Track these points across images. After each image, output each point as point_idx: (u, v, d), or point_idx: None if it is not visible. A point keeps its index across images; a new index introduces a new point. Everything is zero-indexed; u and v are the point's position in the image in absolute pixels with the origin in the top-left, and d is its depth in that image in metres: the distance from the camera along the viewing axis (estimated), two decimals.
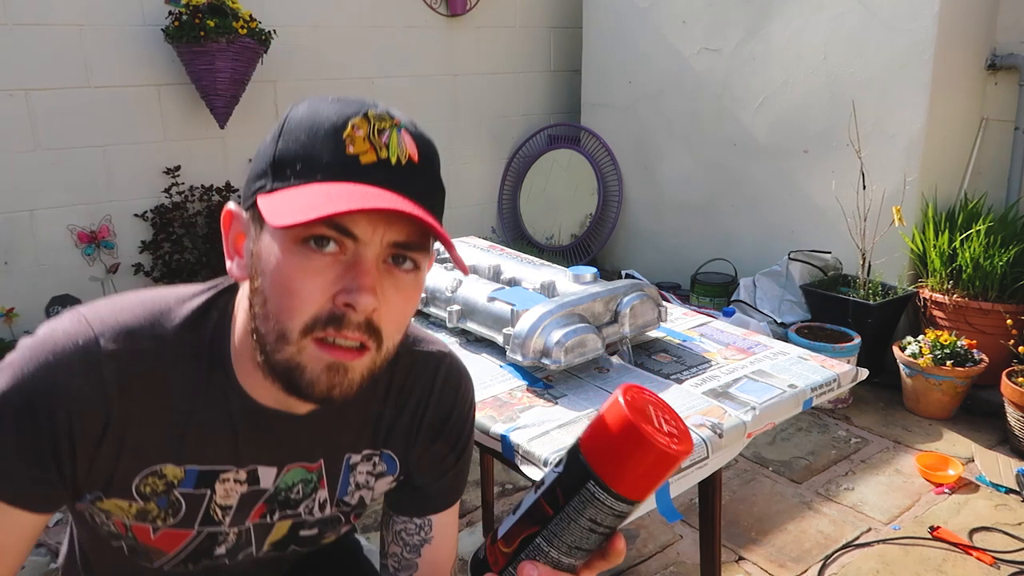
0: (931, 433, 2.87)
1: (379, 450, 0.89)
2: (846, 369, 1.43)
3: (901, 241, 3.21)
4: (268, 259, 0.68)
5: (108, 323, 0.74)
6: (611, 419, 0.58)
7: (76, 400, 0.71)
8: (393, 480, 0.93)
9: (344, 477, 0.87)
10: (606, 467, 0.58)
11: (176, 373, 0.76)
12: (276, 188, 0.69)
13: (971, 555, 2.16)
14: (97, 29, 3.16)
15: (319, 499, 0.87)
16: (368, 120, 0.68)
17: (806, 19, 3.38)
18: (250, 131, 3.61)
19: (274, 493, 0.84)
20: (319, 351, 0.68)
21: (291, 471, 0.84)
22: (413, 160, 0.70)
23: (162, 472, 0.77)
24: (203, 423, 0.77)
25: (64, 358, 0.71)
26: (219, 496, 0.81)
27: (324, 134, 0.68)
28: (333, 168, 0.67)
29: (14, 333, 3.17)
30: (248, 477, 0.81)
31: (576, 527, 0.60)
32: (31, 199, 3.16)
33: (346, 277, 0.66)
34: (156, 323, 0.76)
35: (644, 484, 0.59)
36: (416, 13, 4.01)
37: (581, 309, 1.40)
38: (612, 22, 4.17)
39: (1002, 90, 3.28)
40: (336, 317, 0.67)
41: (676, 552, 2.21)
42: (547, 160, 4.52)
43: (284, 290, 0.67)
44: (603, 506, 0.59)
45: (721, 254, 3.88)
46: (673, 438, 0.59)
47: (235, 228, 0.76)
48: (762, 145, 3.66)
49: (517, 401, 1.28)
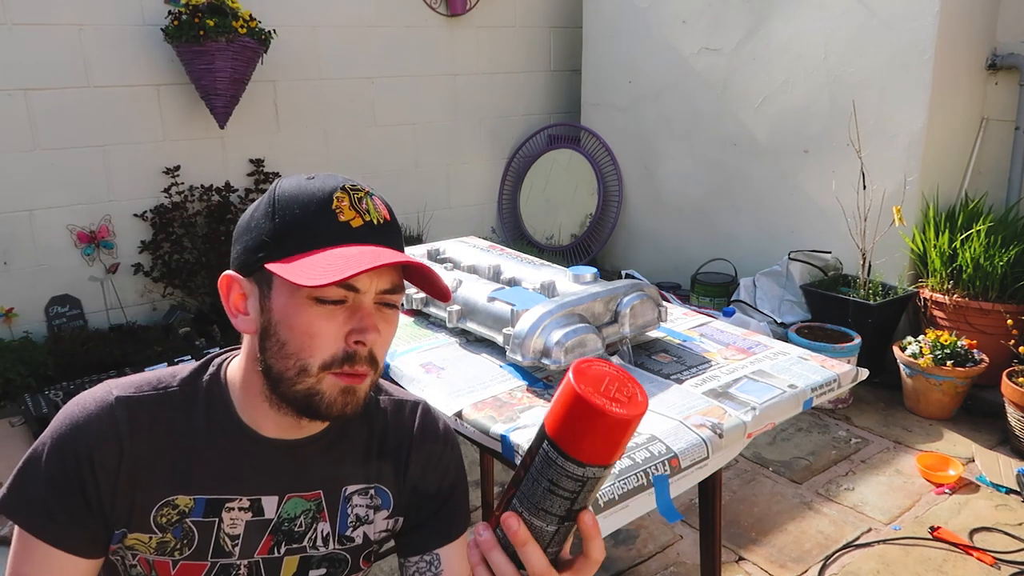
0: (931, 433, 2.87)
1: (372, 484, 0.98)
2: (846, 369, 1.42)
3: (901, 241, 3.21)
4: (285, 311, 0.84)
5: (123, 382, 0.91)
6: (563, 389, 0.64)
7: (94, 437, 0.86)
8: (389, 515, 0.99)
9: (343, 509, 0.96)
10: (559, 431, 0.64)
11: (178, 414, 0.90)
12: (286, 256, 0.82)
13: (971, 555, 2.16)
14: (97, 29, 3.16)
15: (322, 532, 0.95)
16: (347, 192, 0.84)
17: (806, 19, 3.38)
18: (250, 131, 3.61)
19: (278, 523, 0.93)
20: (335, 379, 0.84)
21: (291, 501, 0.93)
22: (387, 219, 0.86)
23: (175, 503, 0.89)
24: (205, 455, 0.90)
25: (86, 408, 0.88)
26: (227, 525, 0.91)
27: (316, 208, 0.83)
28: (333, 235, 0.83)
29: (13, 333, 3.17)
30: (252, 505, 0.91)
31: (539, 488, 0.65)
32: (30, 199, 3.16)
33: (353, 320, 0.83)
34: (161, 380, 0.93)
35: (595, 448, 0.63)
36: (416, 13, 4.01)
37: (581, 309, 1.40)
38: (612, 22, 4.17)
39: (1002, 90, 3.27)
40: (350, 356, 0.84)
41: (676, 552, 2.21)
42: (547, 160, 4.52)
43: (307, 335, 0.83)
44: (559, 467, 0.64)
45: (721, 254, 3.87)
46: (622, 403, 0.63)
47: (235, 291, 0.89)
48: (762, 145, 3.66)
49: (517, 401, 1.28)
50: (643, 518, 2.31)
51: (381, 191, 0.92)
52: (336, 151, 3.91)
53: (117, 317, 3.41)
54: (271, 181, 3.66)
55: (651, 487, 1.10)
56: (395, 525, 1.00)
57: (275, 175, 3.68)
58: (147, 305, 3.50)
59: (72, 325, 3.26)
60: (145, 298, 3.49)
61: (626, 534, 2.28)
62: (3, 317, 3.15)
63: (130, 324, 3.40)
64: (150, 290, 3.49)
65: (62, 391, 2.81)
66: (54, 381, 2.93)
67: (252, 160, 3.65)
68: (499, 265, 1.70)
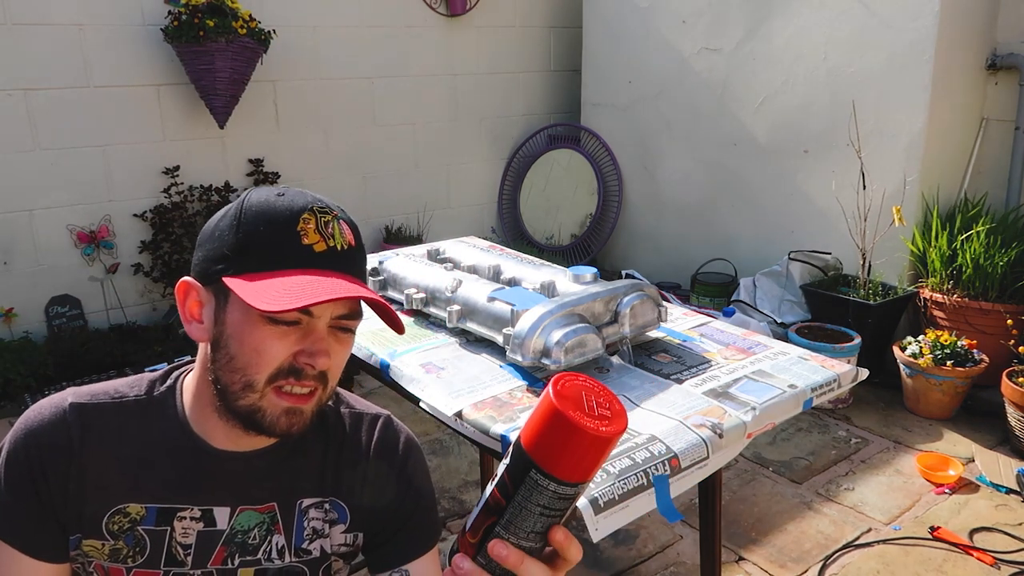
0: (931, 433, 2.87)
1: (328, 498, 0.97)
2: (846, 369, 1.42)
3: (901, 241, 3.21)
4: (239, 327, 0.83)
5: (81, 390, 0.93)
6: (542, 408, 0.63)
7: (46, 442, 0.88)
8: (347, 529, 0.98)
9: (299, 522, 0.95)
10: (544, 455, 0.62)
11: (131, 423, 0.91)
12: (245, 273, 0.82)
13: (971, 555, 2.16)
14: (97, 29, 3.16)
15: (276, 544, 0.94)
16: (315, 214, 0.84)
17: (806, 19, 3.38)
18: (250, 131, 3.61)
19: (230, 535, 0.92)
20: (277, 399, 0.84)
21: (244, 513, 0.93)
22: (351, 244, 0.86)
23: (126, 510, 0.90)
24: (156, 464, 0.90)
25: (40, 414, 0.90)
26: (179, 534, 0.91)
27: (281, 226, 0.83)
28: (295, 259, 0.82)
29: (13, 333, 3.17)
30: (203, 515, 0.91)
31: (528, 514, 0.64)
32: (30, 199, 3.16)
33: (305, 342, 0.83)
34: (118, 389, 0.94)
35: (582, 467, 0.63)
36: (416, 13, 4.01)
37: (581, 309, 1.40)
38: (612, 22, 4.17)
39: (1002, 90, 3.27)
40: (296, 370, 0.83)
41: (676, 552, 2.21)
42: (547, 160, 4.52)
43: (253, 351, 0.82)
44: (548, 492, 0.63)
45: (721, 254, 3.87)
46: (604, 420, 0.62)
47: (191, 297, 0.88)
48: (762, 145, 3.66)
49: (517, 401, 1.28)
50: (643, 518, 2.31)
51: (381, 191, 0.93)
52: (336, 151, 3.91)
53: (117, 317, 3.41)
54: (271, 181, 3.66)
55: (651, 487, 1.10)
56: (355, 540, 0.99)
57: (275, 175, 3.68)
58: (147, 305, 3.50)
59: (72, 325, 3.26)
60: (145, 298, 3.49)
61: (626, 534, 2.28)
62: (3, 317, 3.15)
63: (130, 324, 3.40)
64: (150, 290, 3.49)
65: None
66: (54, 381, 2.93)
67: (252, 160, 3.65)
68: (499, 265, 1.70)
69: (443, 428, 1.31)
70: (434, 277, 1.62)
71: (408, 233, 4.10)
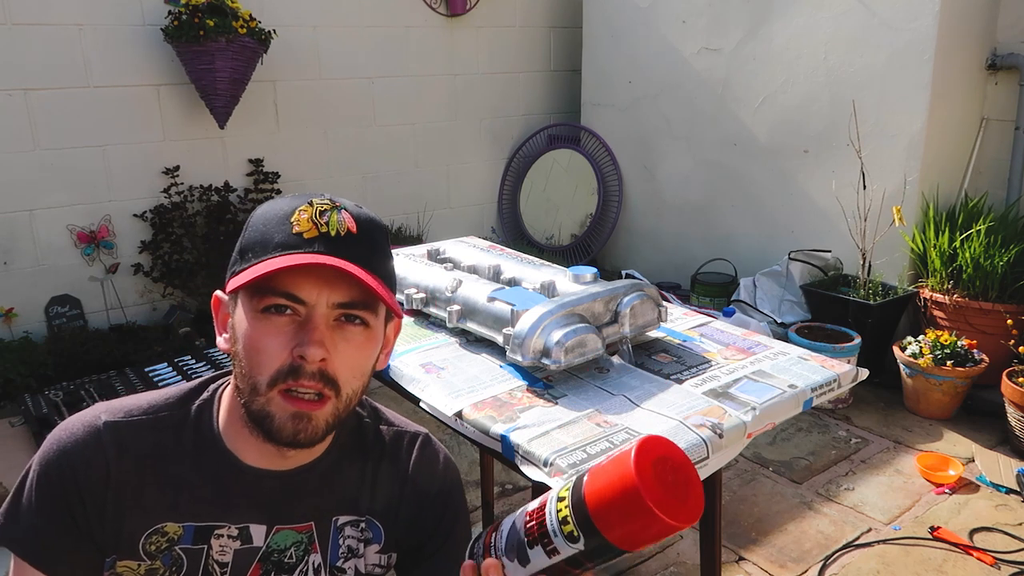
0: (931, 433, 2.87)
1: (364, 516, 0.96)
2: (846, 369, 1.42)
3: (901, 241, 3.21)
4: (240, 327, 0.82)
5: (113, 405, 0.90)
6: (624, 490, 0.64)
7: (80, 462, 0.85)
8: (381, 549, 0.97)
9: (334, 540, 0.94)
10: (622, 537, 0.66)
11: (167, 440, 0.89)
12: (242, 269, 0.82)
13: (971, 555, 2.16)
14: (97, 29, 3.16)
15: (313, 563, 0.93)
16: (312, 205, 0.82)
17: (806, 19, 3.38)
18: (250, 131, 3.61)
19: (267, 552, 0.91)
20: (284, 402, 0.81)
21: (281, 532, 0.91)
22: (352, 231, 0.82)
23: (164, 530, 0.88)
24: (194, 483, 0.88)
25: (73, 433, 0.86)
26: (215, 551, 0.89)
27: (276, 221, 0.82)
28: (282, 245, 0.80)
29: (13, 333, 3.17)
30: (240, 533, 0.90)
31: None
32: (30, 199, 3.15)
33: (300, 334, 0.80)
34: (152, 403, 0.91)
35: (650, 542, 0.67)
36: (416, 13, 4.01)
37: (581, 309, 1.40)
38: (612, 22, 4.17)
39: (1002, 90, 3.27)
40: (294, 368, 0.80)
41: (676, 552, 2.21)
42: (547, 160, 4.52)
43: (253, 350, 0.81)
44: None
45: (721, 254, 3.87)
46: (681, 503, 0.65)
47: (222, 310, 0.89)
48: (762, 145, 3.66)
49: (517, 401, 1.28)
50: None
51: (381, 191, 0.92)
52: (336, 151, 3.91)
53: (117, 317, 3.41)
54: (271, 181, 3.66)
55: None
56: (388, 560, 0.98)
57: (275, 175, 3.68)
58: (147, 305, 3.50)
59: (72, 325, 3.26)
60: (145, 298, 3.49)
61: None
62: (3, 317, 3.15)
63: (130, 324, 3.40)
64: (150, 290, 3.49)
65: (62, 391, 2.81)
66: (54, 381, 2.93)
67: (252, 160, 3.65)
68: (499, 265, 1.70)
69: (443, 428, 1.31)
70: (434, 277, 1.62)
71: (408, 233, 4.10)
